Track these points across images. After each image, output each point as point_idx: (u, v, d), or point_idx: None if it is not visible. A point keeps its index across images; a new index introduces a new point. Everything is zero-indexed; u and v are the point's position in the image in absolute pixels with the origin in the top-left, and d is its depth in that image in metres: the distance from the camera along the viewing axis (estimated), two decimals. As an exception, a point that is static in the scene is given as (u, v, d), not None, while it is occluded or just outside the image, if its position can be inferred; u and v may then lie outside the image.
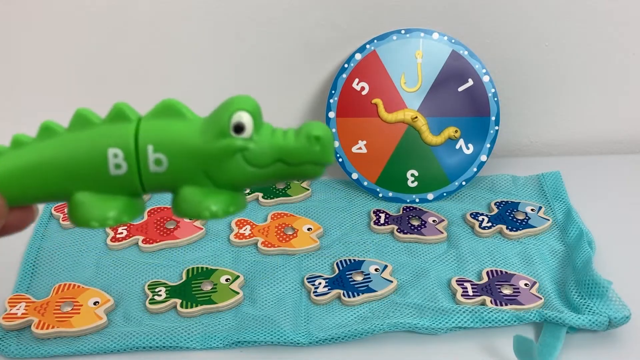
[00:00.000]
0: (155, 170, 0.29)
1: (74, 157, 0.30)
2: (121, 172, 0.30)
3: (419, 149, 0.63)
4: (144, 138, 0.30)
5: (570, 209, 0.61)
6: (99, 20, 0.63)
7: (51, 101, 0.68)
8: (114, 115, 0.30)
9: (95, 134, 0.30)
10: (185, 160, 0.29)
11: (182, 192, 0.30)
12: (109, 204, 0.30)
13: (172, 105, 0.31)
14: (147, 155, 0.29)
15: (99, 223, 0.30)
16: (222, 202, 0.30)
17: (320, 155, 0.29)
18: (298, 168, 0.30)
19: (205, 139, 0.29)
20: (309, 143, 0.29)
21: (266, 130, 0.30)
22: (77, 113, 0.30)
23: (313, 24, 0.64)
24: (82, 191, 0.30)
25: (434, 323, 0.49)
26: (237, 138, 0.29)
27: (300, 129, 0.30)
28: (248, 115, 0.29)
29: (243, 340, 0.49)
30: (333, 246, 0.58)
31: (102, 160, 0.29)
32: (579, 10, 0.65)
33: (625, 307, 0.48)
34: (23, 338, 0.49)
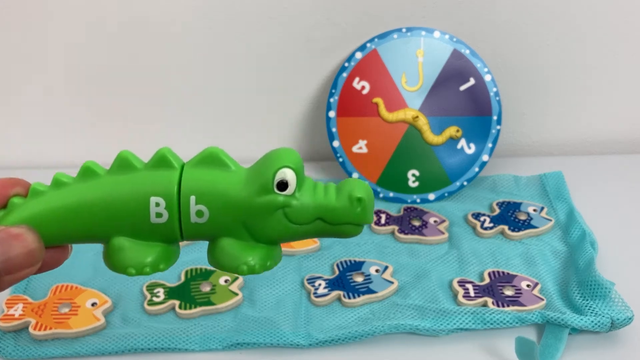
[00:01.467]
0: (195, 221, 0.30)
1: (115, 202, 0.30)
2: (162, 220, 0.30)
3: (420, 149, 0.63)
4: (187, 188, 0.29)
5: (573, 210, 0.60)
6: (98, 20, 0.63)
7: (51, 100, 0.68)
8: (156, 161, 0.30)
9: (137, 180, 0.30)
10: (227, 213, 0.29)
11: (221, 244, 0.30)
12: (146, 251, 0.30)
13: (216, 155, 0.30)
14: (189, 206, 0.29)
15: (136, 270, 0.30)
16: (260, 257, 0.30)
17: (361, 217, 0.29)
18: (338, 227, 0.30)
19: (248, 193, 0.29)
20: (351, 204, 0.29)
21: (308, 187, 0.30)
22: (120, 156, 0.30)
23: (313, 23, 0.64)
24: (120, 236, 0.30)
25: (435, 324, 0.49)
26: (280, 195, 0.29)
27: (341, 188, 0.30)
28: (292, 172, 0.29)
29: (242, 342, 0.48)
30: (333, 247, 0.58)
31: (144, 208, 0.29)
32: (580, 10, 0.65)
33: (628, 309, 0.48)
34: (20, 339, 0.49)
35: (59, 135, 0.70)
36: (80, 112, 0.69)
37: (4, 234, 0.27)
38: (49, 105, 0.69)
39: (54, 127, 0.70)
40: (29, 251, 0.28)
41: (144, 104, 0.69)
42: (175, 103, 0.69)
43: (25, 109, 0.69)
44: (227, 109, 0.69)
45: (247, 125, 0.71)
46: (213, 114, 0.70)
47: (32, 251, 0.28)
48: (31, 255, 0.28)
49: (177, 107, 0.69)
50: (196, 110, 0.69)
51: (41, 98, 0.68)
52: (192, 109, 0.69)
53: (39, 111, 0.69)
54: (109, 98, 0.68)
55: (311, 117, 0.70)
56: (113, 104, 0.69)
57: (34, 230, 0.29)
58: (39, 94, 0.68)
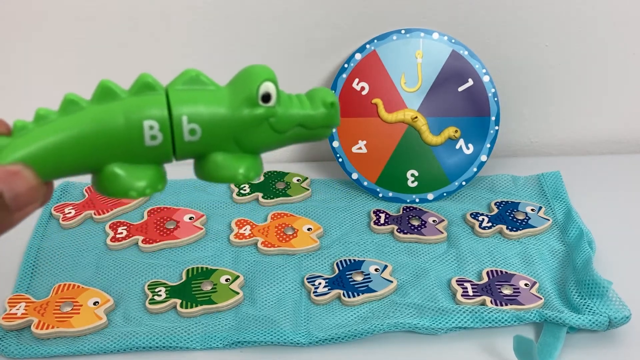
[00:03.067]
0: (189, 140, 0.30)
1: (107, 130, 0.30)
2: (156, 143, 0.30)
3: (419, 149, 0.63)
4: (178, 110, 0.30)
5: (570, 209, 0.61)
6: (98, 19, 0.63)
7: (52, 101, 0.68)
8: (140, 87, 0.31)
9: (127, 106, 0.30)
10: (218, 129, 0.31)
11: (213, 159, 0.31)
12: (142, 174, 0.31)
13: (196, 76, 0.32)
14: (182, 126, 0.30)
15: (137, 193, 0.31)
16: (251, 166, 0.32)
17: (334, 119, 0.32)
18: (314, 131, 0.32)
19: (236, 108, 0.31)
20: (326, 109, 0.31)
21: (284, 99, 0.31)
22: (101, 85, 0.31)
23: (313, 24, 0.64)
24: (115, 163, 0.30)
25: (434, 323, 0.49)
26: (265, 107, 0.31)
27: (312, 96, 0.32)
28: (273, 85, 0.30)
29: (243, 341, 0.49)
30: (333, 246, 0.58)
31: (138, 132, 0.30)
32: (579, 11, 0.65)
33: (625, 307, 0.48)
34: (23, 338, 0.49)
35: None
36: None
37: (3, 172, 0.27)
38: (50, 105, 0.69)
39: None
40: (30, 187, 0.28)
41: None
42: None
43: (26, 109, 0.69)
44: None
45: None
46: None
47: (32, 187, 0.28)
48: (33, 190, 0.28)
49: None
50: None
51: (41, 98, 0.68)
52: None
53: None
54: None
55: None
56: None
57: (30, 168, 0.29)
58: (39, 94, 0.68)
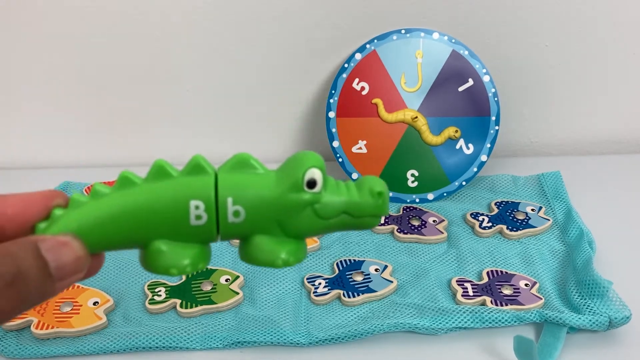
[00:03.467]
0: (233, 221, 0.31)
1: (156, 207, 0.31)
2: (201, 222, 0.31)
3: (419, 149, 0.63)
4: (224, 191, 0.31)
5: (571, 209, 0.61)
6: (98, 20, 0.63)
7: (52, 101, 0.68)
8: (191, 168, 0.32)
9: (176, 185, 0.32)
10: (262, 212, 0.32)
11: (256, 241, 0.32)
12: (186, 252, 0.32)
13: (246, 160, 0.33)
14: (226, 207, 0.31)
15: (178, 270, 0.32)
16: (293, 251, 0.32)
17: (381, 208, 0.32)
18: (360, 220, 0.32)
19: (280, 192, 0.32)
20: (373, 198, 0.32)
21: (331, 185, 0.32)
22: (156, 165, 0.32)
23: (313, 24, 0.64)
24: (160, 239, 0.32)
25: (434, 323, 0.49)
26: (309, 192, 0.31)
27: (360, 184, 0.33)
28: (319, 172, 0.31)
29: (243, 341, 0.48)
30: (333, 246, 0.58)
31: (184, 211, 0.31)
32: (579, 11, 0.65)
33: (625, 307, 0.48)
34: (22, 338, 0.49)
35: (60, 135, 0.71)
36: (80, 112, 0.69)
37: (53, 242, 0.28)
38: (49, 105, 0.69)
39: (54, 126, 0.70)
40: (77, 257, 0.29)
41: (145, 105, 0.69)
42: (175, 104, 0.69)
43: (25, 109, 0.69)
44: (228, 110, 0.70)
45: (247, 126, 0.71)
46: (214, 115, 0.70)
47: (79, 258, 0.29)
48: (79, 261, 0.29)
49: (177, 109, 0.69)
50: (197, 111, 0.70)
51: (41, 98, 0.68)
52: (192, 110, 0.70)
53: (40, 111, 0.69)
54: (109, 99, 0.69)
55: (311, 117, 0.70)
56: (113, 104, 0.69)
57: (79, 238, 0.30)
58: (39, 93, 0.68)
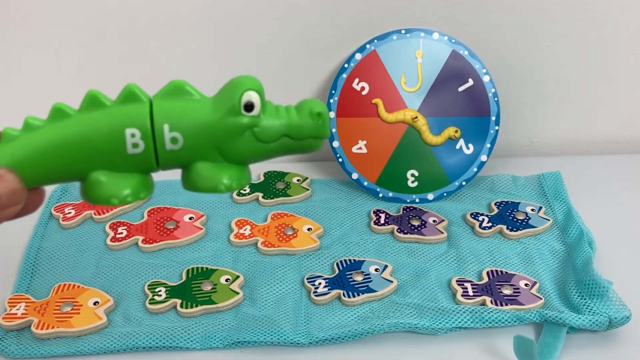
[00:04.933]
0: (171, 148, 0.31)
1: (91, 137, 0.31)
2: (138, 150, 0.31)
3: (419, 149, 0.63)
4: (160, 118, 0.31)
5: (571, 209, 0.61)
6: (98, 19, 0.63)
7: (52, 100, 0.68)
8: (125, 96, 0.31)
9: (110, 114, 0.31)
10: (200, 138, 0.31)
11: (196, 168, 0.32)
12: (126, 182, 0.31)
13: (181, 86, 0.32)
14: (163, 134, 0.31)
15: (119, 200, 0.31)
16: (235, 176, 0.32)
17: (321, 129, 0.32)
18: (301, 142, 0.32)
19: (217, 117, 0.31)
20: (312, 119, 0.32)
21: (271, 108, 0.32)
22: (89, 94, 0.31)
23: (313, 24, 0.64)
24: (98, 170, 0.31)
25: (434, 323, 0.49)
26: (248, 116, 0.31)
27: (300, 106, 0.32)
28: (256, 94, 0.31)
29: (243, 341, 0.49)
30: (333, 246, 0.58)
31: (120, 140, 0.30)
32: (579, 11, 0.65)
33: (625, 307, 0.48)
34: (23, 338, 0.49)
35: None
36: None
37: None
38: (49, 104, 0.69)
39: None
40: (12, 190, 0.29)
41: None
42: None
43: (25, 108, 0.69)
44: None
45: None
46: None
47: (15, 190, 0.29)
48: (15, 193, 0.29)
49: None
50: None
51: (41, 96, 0.68)
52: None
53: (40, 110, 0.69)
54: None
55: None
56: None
57: (14, 171, 0.30)
58: (38, 91, 0.68)
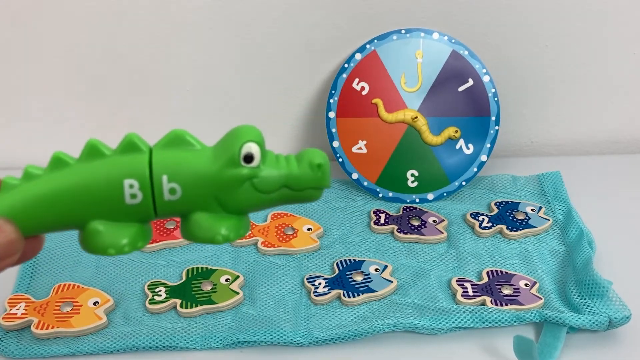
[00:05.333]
0: (169, 199, 0.31)
1: (89, 188, 0.31)
2: (136, 201, 0.31)
3: (419, 149, 0.63)
4: (158, 169, 0.31)
5: (571, 209, 0.61)
6: (99, 21, 0.63)
7: (52, 102, 0.68)
8: (125, 146, 0.32)
9: (109, 164, 0.31)
10: (198, 189, 0.31)
11: (194, 218, 0.32)
12: (124, 232, 0.32)
13: (181, 136, 0.32)
14: (162, 185, 0.31)
15: (116, 250, 0.32)
16: (233, 227, 0.32)
17: (321, 181, 0.32)
18: (301, 192, 0.32)
19: (217, 168, 0.31)
20: (312, 170, 0.32)
21: (270, 159, 0.32)
22: (88, 144, 0.32)
23: (313, 24, 0.64)
24: (96, 220, 0.31)
25: (434, 323, 0.49)
26: (247, 167, 0.31)
27: (301, 157, 0.32)
28: (256, 146, 0.31)
29: (243, 341, 0.49)
30: (333, 246, 0.58)
31: (119, 190, 0.31)
32: (579, 11, 0.65)
33: (625, 307, 0.48)
34: (23, 338, 0.49)
35: (60, 135, 0.71)
36: (81, 113, 0.69)
37: None
38: (50, 107, 0.69)
39: (55, 127, 0.70)
40: (9, 241, 0.29)
41: (145, 105, 0.69)
42: (175, 104, 0.69)
43: (26, 110, 0.69)
44: (228, 110, 0.70)
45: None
46: (214, 115, 0.70)
47: (11, 241, 0.29)
48: (11, 245, 0.29)
49: (177, 109, 0.69)
50: (197, 111, 0.70)
51: (43, 100, 0.68)
52: (192, 110, 0.70)
53: (41, 112, 0.69)
54: (110, 100, 0.69)
55: (311, 117, 0.70)
56: (114, 105, 0.69)
57: (11, 222, 0.30)
58: (40, 93, 0.68)
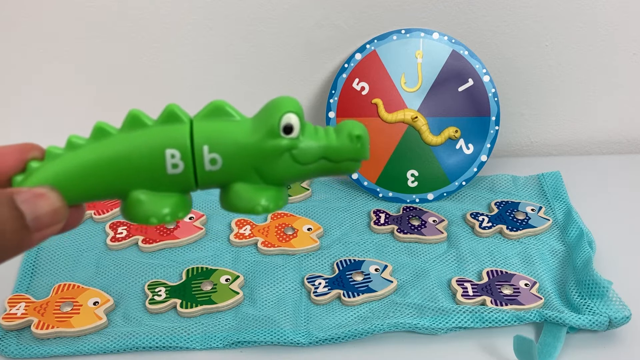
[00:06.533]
0: (210, 169, 0.31)
1: (131, 157, 0.31)
2: (178, 171, 0.31)
3: (419, 149, 0.63)
4: (200, 139, 0.31)
5: (570, 209, 0.61)
6: (102, 21, 0.63)
7: (59, 100, 0.68)
8: (166, 117, 0.32)
9: (151, 134, 0.32)
10: (239, 159, 0.31)
11: (235, 188, 0.32)
12: (165, 201, 0.32)
13: (221, 107, 0.33)
14: (202, 155, 0.31)
15: (158, 219, 0.32)
16: (272, 197, 0.32)
17: (360, 152, 0.32)
18: (339, 164, 0.32)
19: (256, 139, 0.31)
20: (351, 142, 0.32)
21: (310, 130, 0.32)
22: (130, 114, 0.32)
23: (313, 24, 0.64)
24: (138, 189, 0.31)
25: (434, 323, 0.49)
26: (286, 138, 0.31)
27: (340, 128, 0.32)
28: (296, 117, 0.31)
29: (243, 341, 0.49)
30: (333, 246, 0.58)
31: (160, 160, 0.31)
32: (579, 10, 0.65)
33: (625, 307, 0.48)
34: (23, 338, 0.49)
35: (59, 133, 0.71)
36: (80, 111, 0.69)
37: (29, 194, 0.28)
38: (50, 104, 0.69)
39: (53, 125, 0.70)
40: (55, 209, 0.29)
41: (145, 105, 0.69)
42: (175, 103, 0.69)
43: (25, 107, 0.69)
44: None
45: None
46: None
47: (57, 209, 0.29)
48: (57, 213, 0.30)
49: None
50: (196, 111, 0.70)
51: (42, 97, 0.68)
52: (192, 110, 0.69)
53: (40, 110, 0.69)
54: (109, 99, 0.69)
55: (311, 117, 0.70)
56: (113, 104, 0.69)
57: (56, 190, 0.30)
58: (39, 92, 0.68)
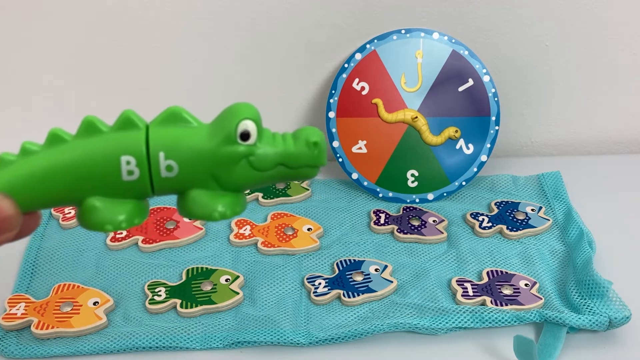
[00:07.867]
0: (166, 176, 0.31)
1: (86, 164, 0.31)
2: (133, 177, 0.31)
3: (419, 149, 0.63)
4: (155, 145, 0.31)
5: (571, 209, 0.61)
6: (101, 21, 0.63)
7: (54, 103, 0.68)
8: (122, 123, 0.32)
9: (106, 141, 0.31)
10: (195, 166, 0.31)
11: (191, 195, 0.32)
12: (121, 208, 0.32)
13: (177, 113, 0.33)
14: (158, 162, 0.31)
15: (113, 226, 0.32)
16: (229, 204, 0.32)
17: (317, 158, 0.32)
18: (297, 170, 0.32)
19: (213, 145, 0.31)
20: (309, 148, 0.32)
21: (267, 136, 0.32)
22: (85, 120, 0.32)
23: (313, 24, 0.64)
24: (93, 196, 0.31)
25: (434, 323, 0.49)
26: (243, 145, 0.31)
27: (297, 135, 0.32)
28: (253, 123, 0.31)
29: (243, 341, 0.49)
30: (333, 246, 0.58)
31: (115, 167, 0.31)
32: (579, 10, 0.65)
33: (625, 308, 0.48)
34: (23, 338, 0.49)
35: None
36: (80, 111, 0.69)
37: None
38: (50, 104, 0.69)
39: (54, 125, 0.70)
40: (6, 217, 0.29)
41: (145, 105, 0.69)
42: (175, 103, 0.69)
43: (26, 106, 0.69)
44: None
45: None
46: (213, 114, 0.70)
47: (8, 217, 0.29)
48: (8, 221, 0.29)
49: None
50: (196, 111, 0.70)
51: (42, 97, 0.68)
52: (192, 110, 0.69)
53: (40, 110, 0.69)
54: (109, 100, 0.69)
55: (311, 117, 0.70)
56: (113, 106, 0.69)
57: (9, 197, 0.30)
58: (40, 92, 0.68)
